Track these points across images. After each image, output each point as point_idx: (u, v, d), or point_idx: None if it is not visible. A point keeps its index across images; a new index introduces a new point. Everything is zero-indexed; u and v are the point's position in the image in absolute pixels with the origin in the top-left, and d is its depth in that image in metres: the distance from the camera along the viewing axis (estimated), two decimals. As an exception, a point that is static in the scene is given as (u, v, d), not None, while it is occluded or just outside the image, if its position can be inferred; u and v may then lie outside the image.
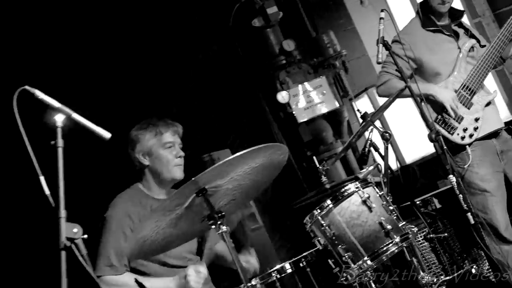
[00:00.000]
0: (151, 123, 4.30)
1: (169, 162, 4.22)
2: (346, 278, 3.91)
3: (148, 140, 4.25)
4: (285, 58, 6.72)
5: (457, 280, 3.89)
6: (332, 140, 6.80)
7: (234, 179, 3.47)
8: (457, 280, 3.89)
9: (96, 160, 5.56)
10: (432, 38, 5.05)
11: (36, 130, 2.87)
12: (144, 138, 4.26)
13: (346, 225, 3.88)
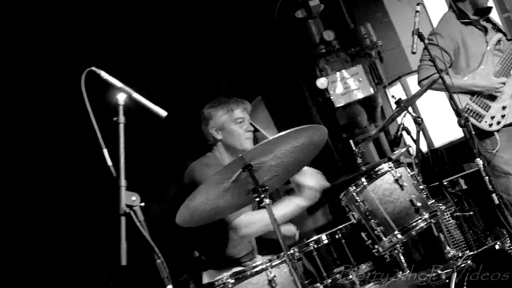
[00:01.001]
0: (222, 101, 4.37)
1: (240, 136, 4.28)
2: (378, 250, 3.90)
3: (221, 116, 4.32)
4: (324, 47, 6.69)
5: (480, 256, 3.84)
6: (366, 124, 6.77)
7: (277, 157, 3.48)
8: (480, 256, 3.84)
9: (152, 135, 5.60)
10: (466, 31, 5.01)
11: (100, 108, 2.90)
12: (216, 115, 4.33)
13: (379, 201, 3.87)
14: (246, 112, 4.38)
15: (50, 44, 5.41)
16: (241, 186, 3.51)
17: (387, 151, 6.76)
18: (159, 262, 2.77)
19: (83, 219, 5.54)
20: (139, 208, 2.79)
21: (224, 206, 3.66)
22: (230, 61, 6.34)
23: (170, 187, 5.85)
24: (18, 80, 5.30)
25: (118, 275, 5.64)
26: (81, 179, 5.43)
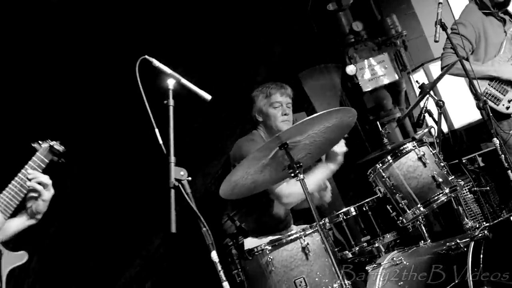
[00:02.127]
0: (263, 86, 4.36)
1: (277, 119, 4.27)
2: (402, 222, 3.88)
3: (261, 101, 4.33)
4: (353, 37, 6.65)
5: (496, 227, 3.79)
6: (391, 107, 6.72)
7: (310, 136, 3.47)
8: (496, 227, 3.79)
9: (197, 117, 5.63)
10: (486, 21, 4.94)
11: (152, 92, 2.91)
12: (258, 99, 4.35)
13: (403, 177, 3.84)
14: (286, 96, 4.34)
15: (108, 34, 5.45)
16: (278, 163, 3.52)
17: (410, 132, 6.71)
18: (204, 230, 2.78)
19: (138, 192, 5.60)
20: (186, 182, 2.81)
21: (262, 181, 3.67)
22: (268, 50, 6.31)
23: (212, 164, 5.88)
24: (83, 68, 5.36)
25: (168, 241, 5.70)
26: (137, 157, 5.49)
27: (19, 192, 2.70)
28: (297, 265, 3.58)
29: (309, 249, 3.60)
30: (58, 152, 2.91)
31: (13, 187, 2.69)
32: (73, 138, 3.12)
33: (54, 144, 2.91)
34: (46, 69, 5.22)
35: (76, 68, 5.34)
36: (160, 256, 5.73)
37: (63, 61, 5.29)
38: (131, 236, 5.65)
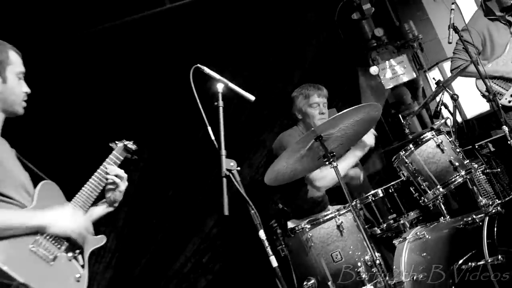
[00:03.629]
0: (303, 88, 4.37)
1: (315, 117, 4.29)
2: (423, 201, 3.83)
3: (300, 101, 4.34)
4: (375, 42, 6.55)
5: (507, 204, 3.71)
6: (410, 102, 6.61)
7: (342, 129, 3.47)
8: (507, 204, 3.71)
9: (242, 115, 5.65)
10: (492, 25, 4.85)
11: (204, 95, 2.93)
12: (297, 100, 4.36)
13: (424, 162, 3.78)
14: (322, 97, 4.35)
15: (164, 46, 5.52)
16: (314, 153, 3.53)
17: (428, 123, 6.60)
18: (253, 212, 2.79)
19: (194, 181, 5.66)
20: (236, 171, 2.82)
21: (300, 169, 3.69)
22: (302, 56, 6.28)
23: (256, 156, 5.89)
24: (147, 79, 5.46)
25: (220, 223, 5.74)
26: (193, 151, 5.55)
27: (98, 185, 2.74)
28: (333, 240, 3.59)
29: (343, 227, 3.60)
30: (131, 150, 2.96)
31: (93, 181, 2.73)
32: (140, 137, 3.15)
33: (128, 144, 2.95)
34: (123, 82, 5.34)
35: (141, 80, 5.43)
36: (214, 235, 5.77)
37: (133, 75, 5.40)
38: (189, 218, 5.71)
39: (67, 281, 2.35)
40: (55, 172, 2.79)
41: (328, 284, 3.50)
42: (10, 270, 2.15)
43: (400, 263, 3.58)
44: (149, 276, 5.50)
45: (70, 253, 2.43)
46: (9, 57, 2.56)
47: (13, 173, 2.45)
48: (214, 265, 5.73)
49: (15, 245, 2.24)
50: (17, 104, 2.59)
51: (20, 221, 2.29)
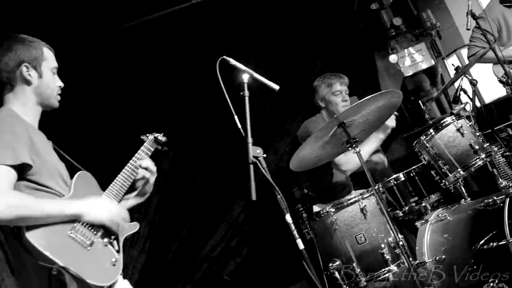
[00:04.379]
0: (325, 77, 4.35)
1: (338, 105, 4.27)
2: (444, 184, 3.78)
3: (323, 90, 4.32)
4: (394, 31, 6.47)
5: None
6: (429, 88, 6.53)
7: (363, 115, 3.44)
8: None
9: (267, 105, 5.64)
10: (507, 12, 4.76)
11: (229, 86, 2.93)
12: (320, 89, 4.33)
13: (444, 146, 3.74)
14: (344, 85, 4.33)
15: (191, 41, 5.52)
16: (337, 139, 3.50)
17: (446, 109, 6.52)
18: (279, 197, 2.78)
19: (221, 169, 5.68)
20: (262, 158, 2.81)
21: (324, 155, 3.67)
22: (323, 46, 6.23)
23: (281, 143, 5.88)
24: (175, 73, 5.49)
25: (247, 208, 5.75)
26: (220, 140, 5.57)
27: (130, 176, 2.75)
28: (357, 223, 3.57)
29: (366, 210, 3.58)
30: (161, 142, 2.97)
31: (125, 172, 2.75)
32: (170, 129, 3.17)
33: (158, 136, 2.96)
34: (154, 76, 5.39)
35: (171, 74, 5.46)
36: (241, 221, 5.79)
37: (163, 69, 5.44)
38: (217, 205, 5.74)
39: (104, 265, 2.38)
40: (90, 163, 2.82)
41: (353, 265, 3.49)
42: (51, 255, 2.20)
43: (423, 244, 3.55)
44: (181, 260, 5.55)
45: (106, 239, 2.46)
46: (43, 54, 2.61)
47: (50, 164, 2.48)
48: (242, 249, 5.76)
49: (55, 232, 2.28)
50: (53, 98, 2.63)
51: (58, 209, 2.32)
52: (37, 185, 2.39)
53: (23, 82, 2.55)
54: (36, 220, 2.24)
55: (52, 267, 2.19)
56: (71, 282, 2.20)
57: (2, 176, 2.23)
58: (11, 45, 2.54)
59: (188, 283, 5.60)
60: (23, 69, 2.53)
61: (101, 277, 2.32)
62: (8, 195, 2.21)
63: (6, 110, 2.51)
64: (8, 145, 2.30)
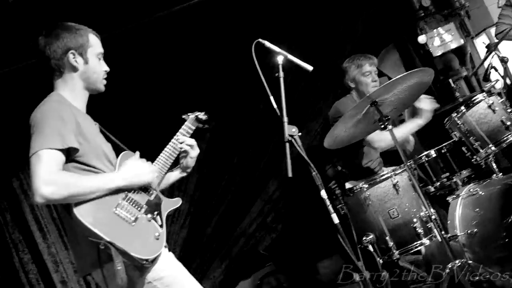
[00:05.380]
0: (354, 58, 4.29)
1: (368, 85, 4.21)
2: (475, 160, 3.69)
3: (353, 71, 4.26)
4: (423, 12, 6.31)
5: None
6: (458, 68, 6.36)
7: (395, 94, 3.40)
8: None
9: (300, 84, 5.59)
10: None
11: (265, 68, 2.90)
12: (350, 70, 4.28)
13: (476, 123, 3.63)
14: (373, 65, 4.26)
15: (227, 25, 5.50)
16: (369, 118, 3.46)
17: (476, 87, 6.35)
18: (314, 174, 2.76)
19: (257, 148, 5.69)
20: (298, 137, 2.79)
21: (357, 133, 3.64)
22: (352, 29, 6.11)
23: (313, 123, 5.84)
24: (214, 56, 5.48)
25: (281, 186, 5.75)
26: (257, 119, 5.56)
27: (173, 153, 2.77)
28: (389, 198, 3.53)
29: (398, 186, 3.54)
30: (202, 120, 2.98)
31: (168, 149, 2.78)
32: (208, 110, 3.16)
33: (199, 114, 2.97)
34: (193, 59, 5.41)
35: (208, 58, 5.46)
36: (276, 197, 5.80)
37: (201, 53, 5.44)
38: (253, 183, 5.76)
39: (148, 239, 2.41)
40: (133, 144, 2.84)
41: (386, 238, 3.46)
42: (98, 230, 2.24)
43: (454, 218, 3.50)
44: (219, 234, 5.60)
45: (149, 214, 2.48)
46: (89, 40, 2.63)
47: (96, 146, 2.52)
48: (277, 225, 5.78)
49: (101, 209, 2.32)
50: (98, 82, 2.66)
51: (103, 183, 2.36)
52: (84, 165, 2.43)
53: (71, 69, 2.58)
54: (84, 197, 2.29)
55: (100, 242, 2.23)
56: (116, 255, 2.25)
57: (51, 159, 2.29)
58: (59, 33, 2.57)
59: (226, 258, 5.65)
60: (70, 56, 2.56)
61: (145, 251, 2.35)
62: (58, 176, 2.27)
63: (56, 95, 2.56)
64: (56, 130, 2.35)
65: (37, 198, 2.21)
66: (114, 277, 2.24)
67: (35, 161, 2.27)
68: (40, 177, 2.22)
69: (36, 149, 2.28)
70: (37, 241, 5.07)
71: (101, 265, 2.31)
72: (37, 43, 2.60)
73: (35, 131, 2.35)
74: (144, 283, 2.41)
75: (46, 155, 2.28)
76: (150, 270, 2.41)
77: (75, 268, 4.91)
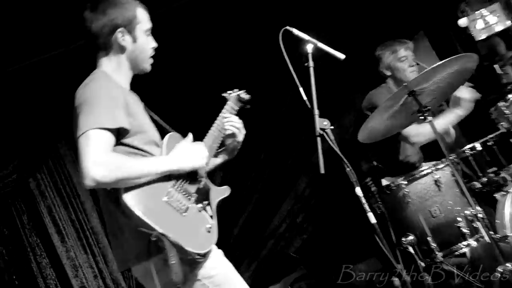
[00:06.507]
0: (388, 44, 4.25)
1: (405, 70, 4.17)
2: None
3: (387, 57, 4.23)
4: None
5: None
6: (504, 52, 6.22)
7: (435, 82, 3.35)
8: None
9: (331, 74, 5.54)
10: None
11: (293, 57, 2.87)
12: (384, 56, 4.25)
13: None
14: (410, 50, 4.21)
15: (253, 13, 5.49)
16: (407, 109, 3.42)
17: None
18: (348, 170, 2.74)
19: (284, 143, 5.67)
20: (330, 130, 2.77)
21: (393, 126, 3.61)
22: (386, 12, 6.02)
23: (345, 116, 5.78)
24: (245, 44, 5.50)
25: (313, 183, 5.72)
26: (284, 113, 5.54)
27: (219, 135, 2.76)
28: (430, 196, 3.49)
29: (440, 182, 3.50)
30: (244, 100, 2.97)
31: (214, 131, 2.76)
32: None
33: (241, 93, 2.96)
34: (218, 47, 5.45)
35: (234, 46, 5.48)
36: (307, 196, 5.78)
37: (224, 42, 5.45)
38: (282, 180, 5.75)
39: (199, 231, 2.38)
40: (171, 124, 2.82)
41: (427, 239, 3.41)
42: (150, 220, 2.20)
43: (503, 217, 3.41)
44: (247, 236, 5.61)
45: (200, 204, 2.46)
46: (137, 16, 2.58)
47: (145, 127, 2.50)
48: (309, 225, 5.76)
49: (151, 197, 2.28)
50: (145, 62, 2.63)
51: (154, 166, 2.34)
52: (133, 148, 2.41)
53: (118, 47, 2.55)
54: (134, 181, 2.25)
55: (151, 233, 2.19)
56: (171, 248, 2.20)
57: (101, 140, 2.25)
58: (106, 9, 2.52)
59: (254, 261, 5.66)
60: (118, 35, 2.53)
61: (198, 244, 2.32)
62: (109, 157, 2.23)
63: (101, 73, 2.53)
64: (106, 109, 2.31)
65: (87, 181, 2.17)
66: (164, 272, 2.20)
67: (84, 141, 2.22)
68: (90, 159, 2.18)
69: (85, 128, 2.24)
70: (55, 244, 5.17)
71: (149, 259, 2.26)
72: (82, 17, 2.55)
73: (83, 110, 2.31)
74: (194, 280, 2.38)
75: (96, 135, 2.24)
76: (201, 267, 2.39)
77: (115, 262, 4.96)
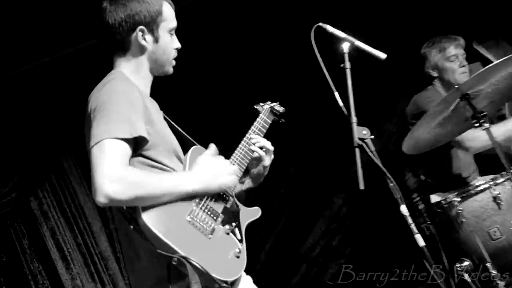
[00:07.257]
0: (435, 41, 4.23)
1: (455, 72, 4.13)
2: None
3: (434, 56, 4.21)
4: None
5: None
6: None
7: (492, 84, 3.31)
8: None
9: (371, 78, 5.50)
10: None
11: (327, 57, 2.85)
12: (431, 55, 4.23)
13: None
14: (460, 48, 4.16)
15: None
16: (459, 114, 3.39)
17: None
18: (392, 185, 2.66)
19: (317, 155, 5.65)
20: (370, 140, 2.73)
21: (444, 134, 3.57)
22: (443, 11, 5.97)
23: (387, 124, 5.75)
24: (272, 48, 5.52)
25: (351, 201, 5.69)
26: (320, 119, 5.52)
27: (247, 154, 2.71)
28: (489, 215, 3.44)
29: (500, 199, 3.43)
30: (278, 113, 2.94)
31: (242, 148, 2.71)
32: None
33: (275, 105, 2.94)
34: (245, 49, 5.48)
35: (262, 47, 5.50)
36: (343, 215, 5.74)
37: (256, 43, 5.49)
38: (314, 198, 5.75)
39: (227, 256, 2.32)
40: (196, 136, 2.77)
41: (486, 265, 3.35)
42: (171, 242, 2.15)
43: None
44: (276, 260, 5.60)
45: (227, 225, 2.40)
46: (162, 13, 2.55)
47: (165, 137, 2.47)
48: (346, 248, 5.72)
49: (172, 216, 2.24)
50: (167, 64, 2.61)
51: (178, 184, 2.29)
52: (151, 161, 2.37)
53: (137, 47, 2.54)
54: (153, 200, 2.21)
55: (172, 257, 2.14)
56: (192, 274, 2.14)
57: (117, 151, 2.20)
58: (127, 3, 2.51)
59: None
60: (139, 34, 2.51)
61: (226, 271, 2.26)
62: (125, 172, 2.18)
63: (119, 74, 2.51)
64: (124, 116, 2.27)
65: (100, 197, 2.12)
66: None
67: (98, 152, 2.18)
68: (104, 173, 2.13)
69: (100, 138, 2.20)
70: (60, 271, 5.19)
71: (169, 286, 2.20)
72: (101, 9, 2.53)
73: (98, 116, 2.27)
74: None
75: (112, 145, 2.19)
76: None
77: None
